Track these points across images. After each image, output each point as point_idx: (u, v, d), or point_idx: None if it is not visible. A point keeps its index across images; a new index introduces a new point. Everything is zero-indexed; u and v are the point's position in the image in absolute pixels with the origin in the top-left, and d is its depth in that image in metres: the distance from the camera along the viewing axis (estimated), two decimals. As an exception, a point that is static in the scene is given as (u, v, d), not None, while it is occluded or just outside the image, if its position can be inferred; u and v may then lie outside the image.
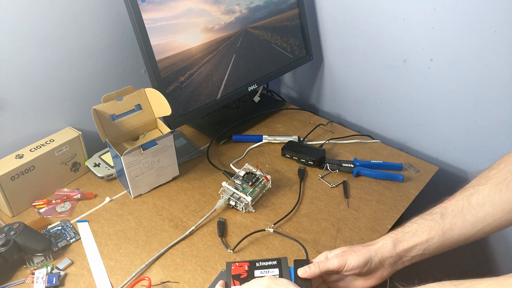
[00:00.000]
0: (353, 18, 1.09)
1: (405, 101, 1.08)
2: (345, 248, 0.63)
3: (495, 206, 0.57)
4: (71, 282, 0.72)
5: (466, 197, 0.59)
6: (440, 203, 0.62)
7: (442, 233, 0.58)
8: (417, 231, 0.60)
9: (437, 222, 0.59)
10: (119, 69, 1.02)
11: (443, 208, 0.60)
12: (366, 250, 0.60)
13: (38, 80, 0.88)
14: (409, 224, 0.62)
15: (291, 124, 1.14)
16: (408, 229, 0.61)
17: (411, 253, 0.60)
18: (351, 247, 0.63)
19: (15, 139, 0.88)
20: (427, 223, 0.60)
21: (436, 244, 0.59)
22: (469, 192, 0.59)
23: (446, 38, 0.93)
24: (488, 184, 0.58)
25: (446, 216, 0.59)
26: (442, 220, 0.59)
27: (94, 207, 0.87)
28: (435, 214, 0.60)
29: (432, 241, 0.59)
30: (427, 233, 0.59)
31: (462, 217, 0.58)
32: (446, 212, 0.59)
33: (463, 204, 0.58)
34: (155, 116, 0.92)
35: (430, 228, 0.59)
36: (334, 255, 0.62)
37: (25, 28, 0.82)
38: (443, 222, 0.59)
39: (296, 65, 1.20)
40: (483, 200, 0.57)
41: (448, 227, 0.58)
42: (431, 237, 0.59)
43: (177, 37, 0.91)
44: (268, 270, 0.65)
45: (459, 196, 0.60)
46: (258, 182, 0.87)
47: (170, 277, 0.72)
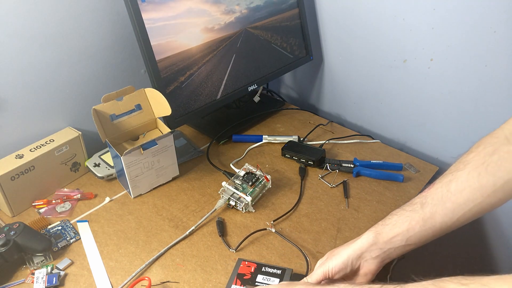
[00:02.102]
0: (353, 18, 1.09)
1: (405, 101, 1.08)
2: (328, 254, 0.64)
3: (475, 191, 0.56)
4: (71, 282, 0.72)
5: (445, 184, 0.58)
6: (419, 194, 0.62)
7: (423, 222, 0.58)
8: (397, 222, 0.60)
9: (417, 211, 0.59)
10: (119, 69, 1.02)
11: (423, 197, 0.60)
12: (345, 251, 0.61)
13: (38, 80, 0.88)
14: (389, 216, 0.62)
15: (291, 124, 1.14)
16: (389, 221, 0.61)
17: (394, 244, 0.60)
18: (332, 252, 0.63)
19: (15, 139, 0.88)
20: (407, 213, 0.60)
21: (418, 234, 0.59)
22: (448, 178, 0.59)
23: (446, 38, 0.93)
24: (467, 168, 0.57)
25: (426, 205, 0.59)
26: (422, 210, 0.59)
27: (94, 207, 0.87)
28: (415, 204, 0.60)
29: (413, 231, 0.59)
30: (407, 223, 0.59)
31: (442, 204, 0.57)
32: (426, 201, 0.59)
33: (443, 191, 0.58)
34: (155, 116, 0.92)
35: (410, 218, 0.59)
36: (319, 264, 0.63)
37: (25, 29, 0.82)
38: (423, 211, 0.59)
39: (296, 65, 1.20)
40: (462, 185, 0.57)
41: (428, 216, 0.58)
42: (411, 227, 0.59)
43: (177, 37, 0.91)
44: (270, 278, 0.67)
45: (438, 184, 0.59)
46: (258, 182, 0.87)
47: (170, 277, 0.72)
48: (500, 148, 0.56)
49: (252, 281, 0.68)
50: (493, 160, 0.55)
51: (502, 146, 0.56)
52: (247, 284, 0.68)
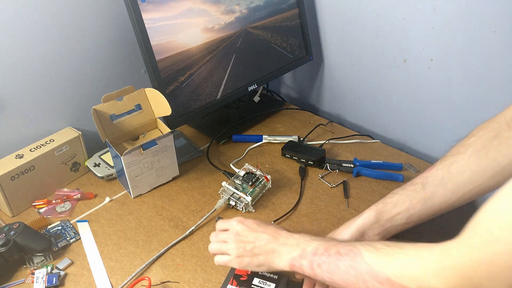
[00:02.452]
0: (353, 18, 1.09)
1: (405, 101, 1.08)
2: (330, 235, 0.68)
3: (475, 173, 0.58)
4: (71, 282, 0.72)
5: (446, 166, 0.61)
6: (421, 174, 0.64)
7: (423, 202, 0.61)
8: (398, 201, 0.63)
9: (418, 192, 0.62)
10: (119, 69, 1.02)
11: (424, 178, 0.62)
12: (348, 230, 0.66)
13: (38, 80, 0.88)
14: (390, 195, 0.65)
15: (291, 124, 1.14)
16: (390, 200, 0.64)
17: (395, 222, 0.63)
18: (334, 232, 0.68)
19: (15, 139, 0.88)
20: (409, 193, 0.63)
21: (418, 213, 0.62)
22: (449, 161, 0.61)
23: (446, 38, 0.93)
24: (468, 152, 0.59)
25: (427, 185, 0.61)
26: (423, 190, 0.61)
27: (94, 207, 0.87)
28: (417, 185, 0.63)
29: (414, 210, 0.62)
30: (408, 203, 0.62)
31: (443, 185, 0.60)
32: (427, 182, 0.62)
33: (443, 173, 0.60)
34: (155, 116, 0.92)
35: (411, 198, 0.62)
36: None
37: (25, 29, 0.82)
38: (424, 191, 0.61)
39: (296, 65, 1.20)
40: (462, 168, 0.59)
41: (429, 196, 0.61)
42: (412, 206, 0.62)
43: (177, 37, 0.91)
44: (266, 282, 0.68)
45: (439, 166, 0.62)
46: (258, 182, 0.87)
47: (170, 277, 0.72)
48: (501, 134, 0.58)
49: (248, 283, 0.69)
50: (494, 145, 0.57)
51: (502, 132, 0.58)
52: (243, 286, 0.68)
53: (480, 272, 0.38)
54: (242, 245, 0.62)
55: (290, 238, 0.60)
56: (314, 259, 0.55)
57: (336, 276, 0.53)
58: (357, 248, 0.52)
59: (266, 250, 0.61)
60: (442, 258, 0.42)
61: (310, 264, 0.56)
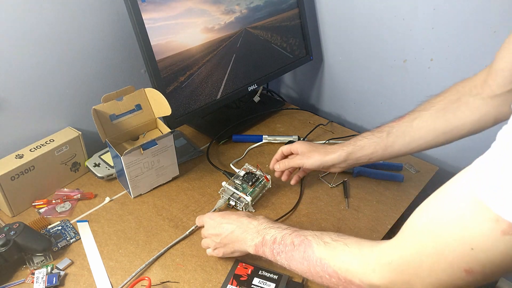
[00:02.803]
0: (353, 18, 1.09)
1: (405, 101, 1.08)
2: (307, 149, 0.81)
3: (429, 131, 0.68)
4: (71, 282, 0.72)
5: (411, 120, 0.70)
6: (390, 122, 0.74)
7: (384, 148, 0.72)
8: (365, 145, 0.74)
9: (382, 139, 0.72)
10: (119, 69, 1.02)
11: (390, 127, 0.73)
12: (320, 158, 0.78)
13: (38, 80, 0.88)
14: (360, 138, 0.76)
15: (291, 124, 1.14)
16: (359, 143, 0.75)
17: (359, 160, 0.76)
18: (310, 152, 0.80)
19: (15, 139, 0.88)
20: (375, 139, 0.73)
21: (379, 156, 0.74)
22: (414, 116, 0.70)
23: (446, 38, 0.93)
24: (430, 110, 0.68)
25: (391, 135, 0.72)
26: (387, 138, 0.72)
27: (94, 207, 0.87)
28: (383, 132, 0.73)
29: (376, 154, 0.74)
30: (372, 148, 0.74)
31: (403, 137, 0.71)
32: (391, 132, 0.72)
33: (406, 126, 0.71)
34: (155, 116, 0.92)
35: (375, 144, 0.73)
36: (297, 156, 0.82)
37: (25, 28, 0.82)
38: (387, 139, 0.72)
39: (296, 65, 1.20)
40: (421, 124, 0.69)
41: (390, 144, 0.72)
42: (375, 151, 0.73)
43: (177, 37, 0.91)
44: (266, 282, 0.68)
45: (405, 118, 0.72)
46: (258, 182, 0.87)
47: (170, 277, 0.72)
48: (462, 98, 0.66)
49: (248, 283, 0.69)
50: (452, 108, 0.66)
51: (464, 96, 0.66)
52: (243, 286, 0.68)
53: (409, 269, 0.43)
54: (214, 238, 0.70)
55: (250, 225, 0.66)
56: (274, 247, 0.60)
57: (293, 265, 0.58)
58: (308, 240, 0.56)
59: (232, 239, 0.67)
60: (380, 256, 0.47)
61: (271, 252, 0.61)
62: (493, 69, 0.61)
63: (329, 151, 0.78)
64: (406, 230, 0.44)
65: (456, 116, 0.66)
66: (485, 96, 0.64)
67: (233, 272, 0.71)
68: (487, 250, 0.36)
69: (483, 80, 0.63)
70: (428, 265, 0.41)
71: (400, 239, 0.45)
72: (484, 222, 0.35)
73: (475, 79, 0.65)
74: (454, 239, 0.38)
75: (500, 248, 0.35)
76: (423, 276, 0.42)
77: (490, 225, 0.35)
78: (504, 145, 0.34)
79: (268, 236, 0.62)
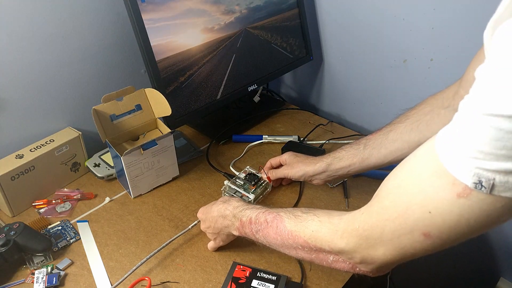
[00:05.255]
0: (353, 18, 1.09)
1: (405, 101, 1.08)
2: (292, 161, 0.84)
3: (404, 143, 0.69)
4: (71, 282, 0.72)
5: (386, 133, 0.72)
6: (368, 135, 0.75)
7: (361, 161, 0.74)
8: (343, 157, 0.76)
9: (359, 151, 0.74)
10: (119, 69, 1.02)
11: (367, 139, 0.74)
12: (303, 168, 0.81)
13: (38, 80, 0.88)
14: (339, 150, 0.78)
15: (291, 124, 1.14)
16: (338, 155, 0.77)
17: (338, 172, 0.78)
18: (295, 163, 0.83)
19: (15, 139, 0.88)
20: (352, 151, 0.75)
21: (357, 169, 0.76)
22: (389, 128, 0.72)
23: (446, 38, 0.93)
24: (405, 123, 0.70)
25: (367, 147, 0.73)
26: (364, 150, 0.74)
27: (94, 207, 0.87)
28: (360, 144, 0.75)
29: (354, 166, 0.75)
30: (350, 160, 0.75)
31: (378, 150, 0.72)
32: (368, 144, 0.74)
33: (382, 138, 0.72)
34: (155, 116, 0.92)
35: (353, 156, 0.75)
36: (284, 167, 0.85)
37: (25, 28, 0.82)
38: (364, 152, 0.74)
39: (296, 65, 1.20)
40: (396, 137, 0.70)
41: (366, 157, 0.73)
42: (353, 163, 0.75)
43: (177, 37, 0.91)
44: (265, 284, 0.68)
45: (382, 131, 0.73)
46: (260, 183, 0.87)
47: (170, 277, 0.72)
48: (435, 110, 0.67)
49: (247, 285, 0.69)
50: (425, 120, 0.67)
51: (437, 108, 0.67)
52: None
53: (374, 234, 0.45)
54: (208, 230, 0.74)
55: (226, 211, 0.68)
56: (252, 227, 0.63)
57: (270, 241, 0.60)
58: (280, 215, 0.59)
59: (220, 227, 0.70)
60: (348, 223, 0.49)
61: (251, 232, 0.63)
62: (463, 81, 0.63)
63: (311, 162, 0.81)
64: (373, 197, 0.47)
65: (429, 127, 0.67)
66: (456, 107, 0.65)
67: (231, 275, 0.70)
68: (443, 213, 0.38)
69: (455, 91, 0.65)
70: (390, 229, 0.43)
71: (368, 205, 0.47)
72: (442, 185, 0.37)
73: (447, 91, 0.67)
74: (414, 203, 0.40)
75: (455, 211, 0.37)
76: (385, 240, 0.44)
77: (447, 188, 0.36)
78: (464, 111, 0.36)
79: (244, 217, 0.64)
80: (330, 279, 0.71)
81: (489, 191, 0.34)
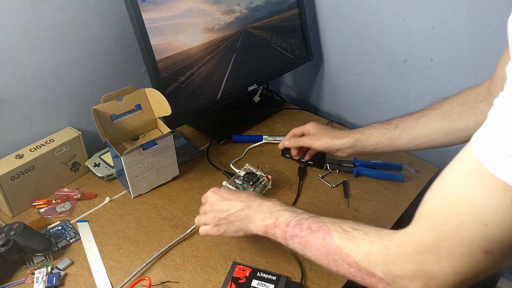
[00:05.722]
0: (353, 18, 1.09)
1: (405, 101, 1.08)
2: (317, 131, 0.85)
3: (434, 129, 0.70)
4: (71, 282, 0.72)
5: (418, 117, 0.72)
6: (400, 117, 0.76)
7: (390, 140, 0.75)
8: (372, 135, 0.77)
9: (390, 131, 0.75)
10: (119, 69, 1.02)
11: (399, 121, 0.75)
12: (329, 141, 0.81)
13: (38, 80, 0.88)
14: (369, 127, 0.78)
15: (291, 124, 1.14)
16: (367, 132, 0.78)
17: (365, 149, 0.79)
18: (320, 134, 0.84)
19: (15, 139, 0.88)
20: (383, 130, 0.76)
21: (384, 147, 0.76)
22: (422, 114, 0.72)
23: (446, 38, 0.93)
24: (438, 110, 0.70)
25: (398, 128, 0.74)
26: (394, 131, 0.74)
27: (94, 207, 0.87)
28: (391, 125, 0.75)
29: (382, 144, 0.76)
30: (379, 138, 0.76)
31: (408, 132, 0.73)
32: (399, 125, 0.74)
33: (413, 122, 0.73)
34: (155, 116, 0.92)
35: (382, 135, 0.75)
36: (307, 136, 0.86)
37: (25, 28, 0.82)
38: (394, 132, 0.74)
39: (296, 65, 1.20)
40: (427, 122, 0.71)
41: (396, 137, 0.74)
42: (381, 142, 0.76)
43: (177, 37, 0.91)
44: (265, 284, 0.68)
45: (414, 115, 0.74)
46: (259, 182, 0.87)
47: (170, 277, 0.72)
48: (470, 103, 0.67)
49: (247, 285, 0.69)
50: (458, 110, 0.68)
51: (472, 101, 0.67)
52: None
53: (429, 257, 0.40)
54: (217, 214, 0.68)
55: (263, 205, 0.64)
56: (287, 230, 0.58)
57: (307, 250, 0.56)
58: (327, 226, 0.54)
59: (241, 217, 0.65)
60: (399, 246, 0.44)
61: (283, 235, 0.59)
62: (494, 78, 0.62)
63: (338, 136, 0.81)
64: (419, 215, 0.42)
65: (462, 118, 0.67)
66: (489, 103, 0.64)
67: (231, 275, 0.70)
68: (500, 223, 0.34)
69: (487, 87, 0.65)
70: (446, 249, 0.38)
71: (415, 225, 0.42)
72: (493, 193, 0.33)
73: (481, 87, 0.67)
74: (466, 217, 0.36)
75: None
76: (443, 264, 0.39)
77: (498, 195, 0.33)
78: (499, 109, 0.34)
79: (282, 218, 0.60)
80: (330, 279, 0.71)
81: None
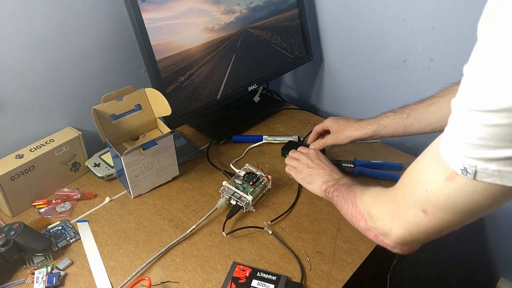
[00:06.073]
0: (353, 18, 1.09)
1: (405, 101, 1.07)
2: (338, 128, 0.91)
3: (443, 116, 0.73)
4: (71, 282, 0.71)
5: (428, 105, 0.77)
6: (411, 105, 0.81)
7: (404, 128, 0.81)
8: (387, 124, 0.83)
9: (403, 120, 0.81)
10: (119, 69, 1.02)
11: (411, 109, 0.80)
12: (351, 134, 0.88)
13: (38, 80, 0.88)
14: (383, 117, 0.84)
15: (291, 124, 1.14)
16: (383, 123, 0.84)
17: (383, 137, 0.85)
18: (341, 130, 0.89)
19: (15, 139, 0.88)
20: (396, 120, 0.82)
21: (399, 135, 0.83)
22: (432, 101, 0.77)
23: (446, 38, 0.93)
24: (447, 97, 0.74)
25: (410, 117, 0.80)
26: (407, 119, 0.80)
27: (94, 207, 0.87)
28: (404, 114, 0.81)
29: (396, 133, 0.82)
30: (394, 128, 0.82)
31: (420, 120, 0.78)
32: (411, 114, 0.80)
33: (424, 110, 0.78)
34: (155, 116, 0.92)
35: (397, 124, 0.82)
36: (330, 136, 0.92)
37: (25, 28, 0.82)
38: (407, 120, 0.80)
39: (296, 65, 1.20)
40: (437, 110, 0.76)
41: (409, 125, 0.80)
42: (396, 130, 0.82)
43: (177, 37, 0.91)
44: (265, 284, 0.68)
45: (425, 102, 0.78)
46: (259, 182, 0.87)
47: (170, 277, 0.72)
48: None
49: (247, 285, 0.69)
50: None
51: None
52: None
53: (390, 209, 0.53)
54: (309, 164, 0.86)
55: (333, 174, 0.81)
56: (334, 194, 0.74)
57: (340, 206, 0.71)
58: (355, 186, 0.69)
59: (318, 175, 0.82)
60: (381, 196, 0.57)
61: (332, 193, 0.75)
62: None
63: (356, 128, 0.87)
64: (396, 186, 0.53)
65: None
66: None
67: (231, 275, 0.70)
68: (435, 192, 0.44)
69: None
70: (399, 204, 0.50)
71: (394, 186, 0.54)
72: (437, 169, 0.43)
73: None
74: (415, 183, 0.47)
75: (444, 191, 0.43)
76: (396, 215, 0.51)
77: (439, 172, 0.43)
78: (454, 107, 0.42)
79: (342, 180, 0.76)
80: (330, 279, 0.71)
81: (473, 177, 0.39)
